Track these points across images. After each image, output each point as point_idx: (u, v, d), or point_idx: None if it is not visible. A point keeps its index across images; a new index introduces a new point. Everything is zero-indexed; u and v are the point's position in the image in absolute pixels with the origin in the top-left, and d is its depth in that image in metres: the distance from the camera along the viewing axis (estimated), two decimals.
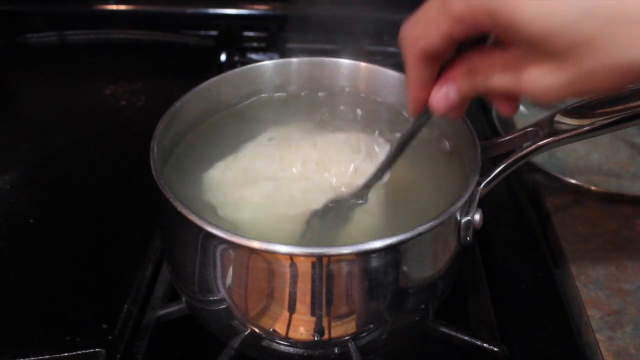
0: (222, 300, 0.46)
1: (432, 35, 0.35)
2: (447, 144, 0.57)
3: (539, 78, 0.33)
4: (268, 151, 0.56)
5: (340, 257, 0.42)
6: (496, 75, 0.36)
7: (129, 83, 0.91)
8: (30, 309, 0.57)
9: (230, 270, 0.44)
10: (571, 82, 0.32)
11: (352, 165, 0.53)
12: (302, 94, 0.64)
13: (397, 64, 0.55)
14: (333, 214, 0.51)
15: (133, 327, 0.53)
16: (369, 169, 0.51)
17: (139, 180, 0.57)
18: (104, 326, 0.54)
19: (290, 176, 0.53)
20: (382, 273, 0.44)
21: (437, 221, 0.43)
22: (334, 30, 0.97)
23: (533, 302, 0.59)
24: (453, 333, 0.53)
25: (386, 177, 0.51)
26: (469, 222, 0.48)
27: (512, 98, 0.40)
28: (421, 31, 0.36)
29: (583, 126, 0.47)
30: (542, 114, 0.58)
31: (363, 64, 0.62)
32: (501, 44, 0.36)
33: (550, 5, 0.30)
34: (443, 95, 0.39)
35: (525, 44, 0.32)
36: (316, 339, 0.46)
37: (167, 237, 0.52)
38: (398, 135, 0.49)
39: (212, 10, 1.08)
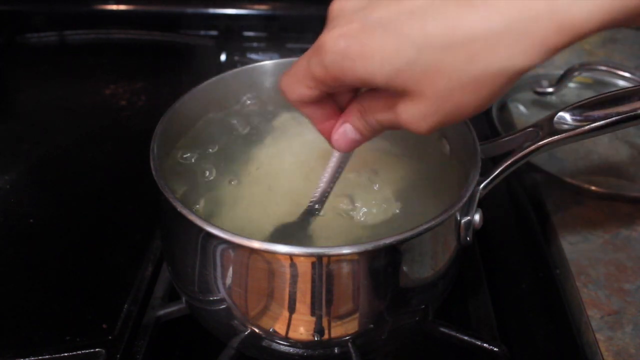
0: (222, 300, 0.46)
1: (302, 89, 0.39)
2: (447, 144, 0.57)
3: (409, 111, 0.36)
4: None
5: (340, 257, 0.42)
6: (380, 113, 0.39)
7: (129, 83, 0.91)
8: (30, 309, 0.56)
9: (230, 270, 0.44)
10: (437, 109, 0.35)
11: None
12: None
13: None
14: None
15: (133, 327, 0.53)
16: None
17: (139, 180, 0.57)
18: (104, 326, 0.54)
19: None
20: (382, 273, 0.44)
21: (437, 221, 0.43)
22: None
23: (533, 302, 0.59)
24: (453, 333, 0.53)
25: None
26: (469, 222, 0.48)
27: None
28: (292, 85, 0.40)
29: (583, 126, 0.47)
30: (542, 114, 0.58)
31: None
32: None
33: (388, 54, 0.33)
34: (342, 134, 0.42)
35: (384, 88, 0.35)
36: (316, 339, 0.46)
37: (167, 237, 0.52)
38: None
39: (212, 10, 1.07)
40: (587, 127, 0.47)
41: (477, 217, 0.48)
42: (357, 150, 0.47)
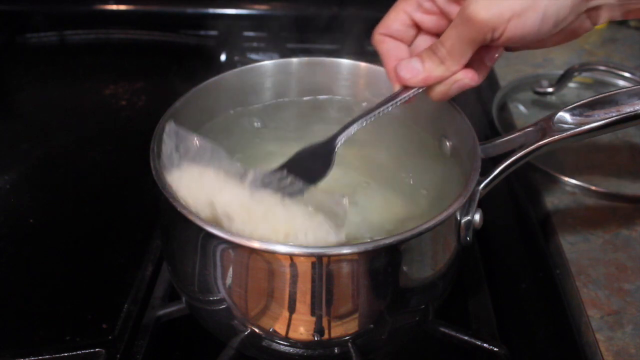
0: (222, 300, 0.46)
1: (392, 14, 0.49)
2: (447, 144, 0.57)
3: (476, 7, 0.41)
4: None
5: (340, 257, 0.42)
6: (447, 32, 0.45)
7: (129, 83, 0.91)
8: (30, 309, 0.57)
9: (230, 270, 0.44)
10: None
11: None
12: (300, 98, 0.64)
13: None
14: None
15: (133, 327, 0.53)
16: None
17: (139, 180, 0.57)
18: (104, 326, 0.54)
19: None
20: (382, 273, 0.44)
21: (437, 221, 0.43)
22: (334, 30, 0.98)
23: (533, 302, 0.59)
24: (453, 333, 0.53)
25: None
26: (469, 222, 0.48)
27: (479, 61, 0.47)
28: (385, 16, 0.50)
29: (583, 126, 0.47)
30: (542, 114, 0.58)
31: (363, 64, 0.62)
32: None
33: None
34: (407, 64, 0.47)
35: None
36: (316, 339, 0.46)
37: (167, 237, 0.52)
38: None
39: (212, 10, 1.07)
40: (587, 127, 0.47)
41: (477, 217, 0.48)
42: (358, 149, 0.47)
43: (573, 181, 0.69)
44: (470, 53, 0.44)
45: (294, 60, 0.63)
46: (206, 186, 0.45)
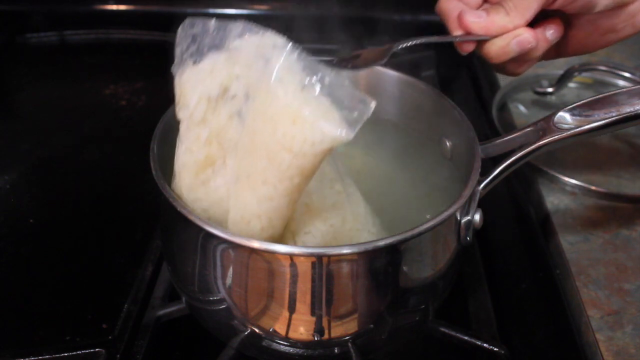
0: (222, 300, 0.46)
1: None
2: (447, 144, 0.57)
3: None
4: None
5: (340, 257, 0.42)
6: None
7: (129, 83, 0.91)
8: (30, 309, 0.57)
9: (230, 270, 0.44)
10: None
11: None
12: None
13: (397, 64, 0.55)
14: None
15: (133, 327, 0.53)
16: None
17: (139, 180, 0.57)
18: (104, 326, 0.54)
19: None
20: (382, 273, 0.44)
21: (437, 221, 0.43)
22: (334, 30, 0.98)
23: (533, 302, 0.59)
24: (453, 333, 0.53)
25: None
26: (469, 222, 0.48)
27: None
28: None
29: (583, 126, 0.47)
30: (542, 114, 0.58)
31: None
32: None
33: None
34: (470, 11, 0.48)
35: None
36: (316, 339, 0.46)
37: (167, 237, 0.52)
38: None
39: (212, 10, 1.08)
40: (587, 127, 0.47)
41: (477, 217, 0.48)
42: (359, 150, 0.47)
43: (573, 181, 0.69)
44: (536, 7, 0.45)
45: None
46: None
